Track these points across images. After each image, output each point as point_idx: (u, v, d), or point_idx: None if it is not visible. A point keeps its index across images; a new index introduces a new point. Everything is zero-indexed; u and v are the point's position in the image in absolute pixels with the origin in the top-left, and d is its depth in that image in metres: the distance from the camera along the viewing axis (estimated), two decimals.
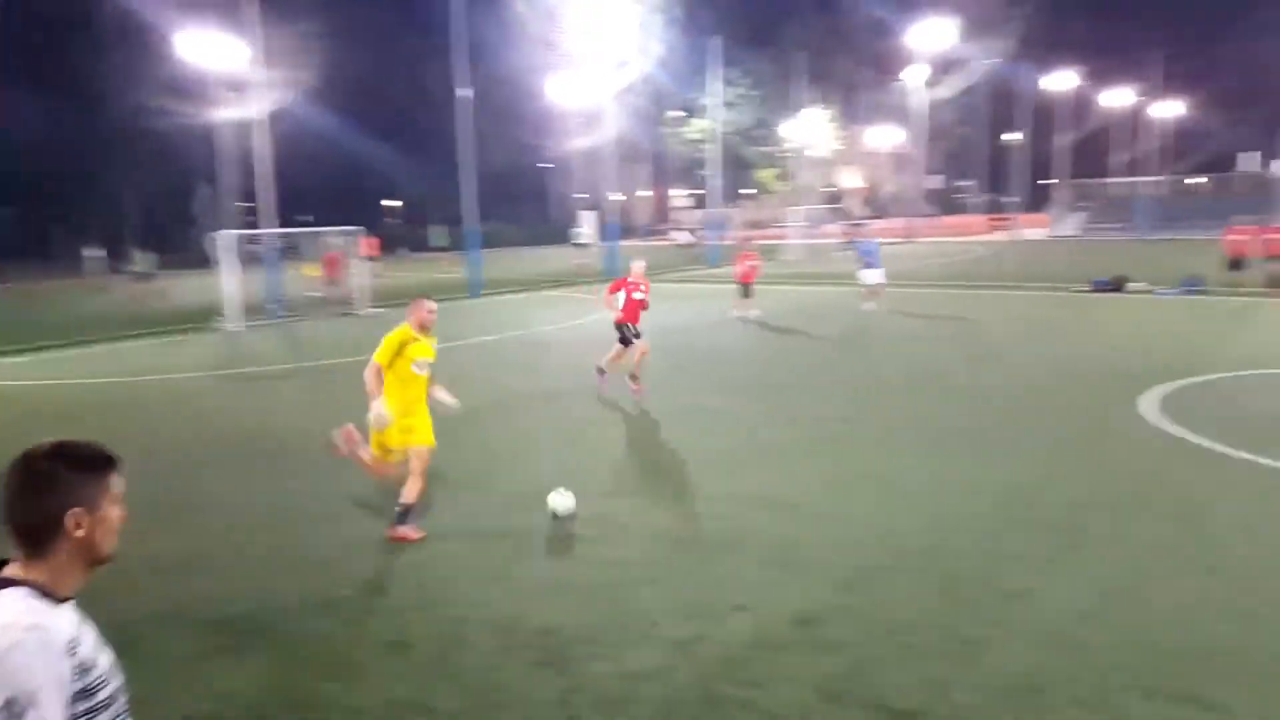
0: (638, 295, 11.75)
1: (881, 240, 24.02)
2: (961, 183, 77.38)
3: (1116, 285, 22.11)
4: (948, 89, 59.12)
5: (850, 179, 73.42)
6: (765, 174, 71.20)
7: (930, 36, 49.85)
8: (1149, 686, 4.32)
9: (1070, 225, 55.07)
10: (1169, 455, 8.27)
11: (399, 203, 71.25)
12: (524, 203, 67.65)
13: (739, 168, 66.25)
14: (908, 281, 24.77)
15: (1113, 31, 66.64)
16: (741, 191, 72.54)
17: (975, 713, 4.17)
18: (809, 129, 57.01)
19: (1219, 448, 8.24)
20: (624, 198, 58.40)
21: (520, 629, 5.12)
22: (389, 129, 55.54)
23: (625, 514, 7.04)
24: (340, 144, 51.72)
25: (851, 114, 67.47)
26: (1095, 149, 66.82)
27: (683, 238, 55.44)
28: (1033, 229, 55.97)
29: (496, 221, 40.20)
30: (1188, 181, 63.05)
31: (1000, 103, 64.61)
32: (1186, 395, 10.53)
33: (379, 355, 6.41)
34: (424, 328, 6.57)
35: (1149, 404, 10.07)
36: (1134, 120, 66.65)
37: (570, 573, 5.99)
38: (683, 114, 64.55)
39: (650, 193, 77.82)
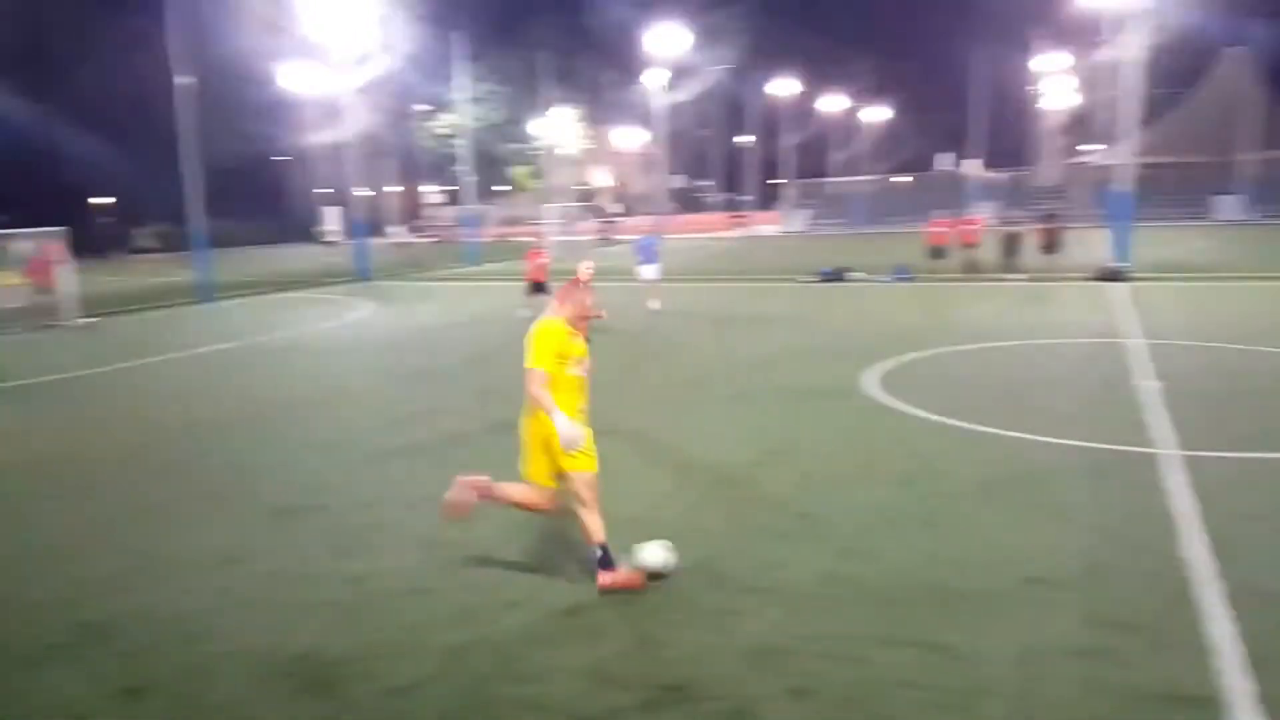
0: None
1: (662, 236, 24.22)
2: (701, 182, 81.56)
3: (839, 275, 24.25)
4: (686, 93, 62.00)
5: (601, 177, 75.11)
6: (519, 171, 71.20)
7: (666, 42, 51.97)
8: (886, 635, 4.76)
9: (798, 221, 59.64)
10: (889, 425, 9.15)
11: (112, 199, 64.14)
12: (258, 199, 63.15)
13: (492, 164, 65.81)
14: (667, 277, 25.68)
15: (827, 43, 72.83)
16: (495, 189, 72.11)
17: (736, 678, 4.41)
18: (557, 127, 57.68)
19: (932, 416, 9.26)
20: (372, 193, 56.14)
21: (277, 656, 4.79)
22: (96, 119, 49.68)
23: (387, 523, 6.80)
24: (34, 135, 45.76)
25: (599, 114, 69.10)
26: (816, 151, 72.78)
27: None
28: (766, 225, 60.16)
29: (225, 219, 36.99)
30: (894, 180, 70.22)
31: (733, 107, 68.88)
32: (902, 371, 11.74)
33: (539, 359, 5.17)
34: (581, 320, 5.43)
35: (871, 380, 11.14)
36: (848, 124, 73.22)
37: (330, 592, 5.68)
38: (430, 109, 63.12)
39: (400, 188, 75.40)
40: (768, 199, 71.62)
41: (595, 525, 5.30)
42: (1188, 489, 6.78)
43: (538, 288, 18.85)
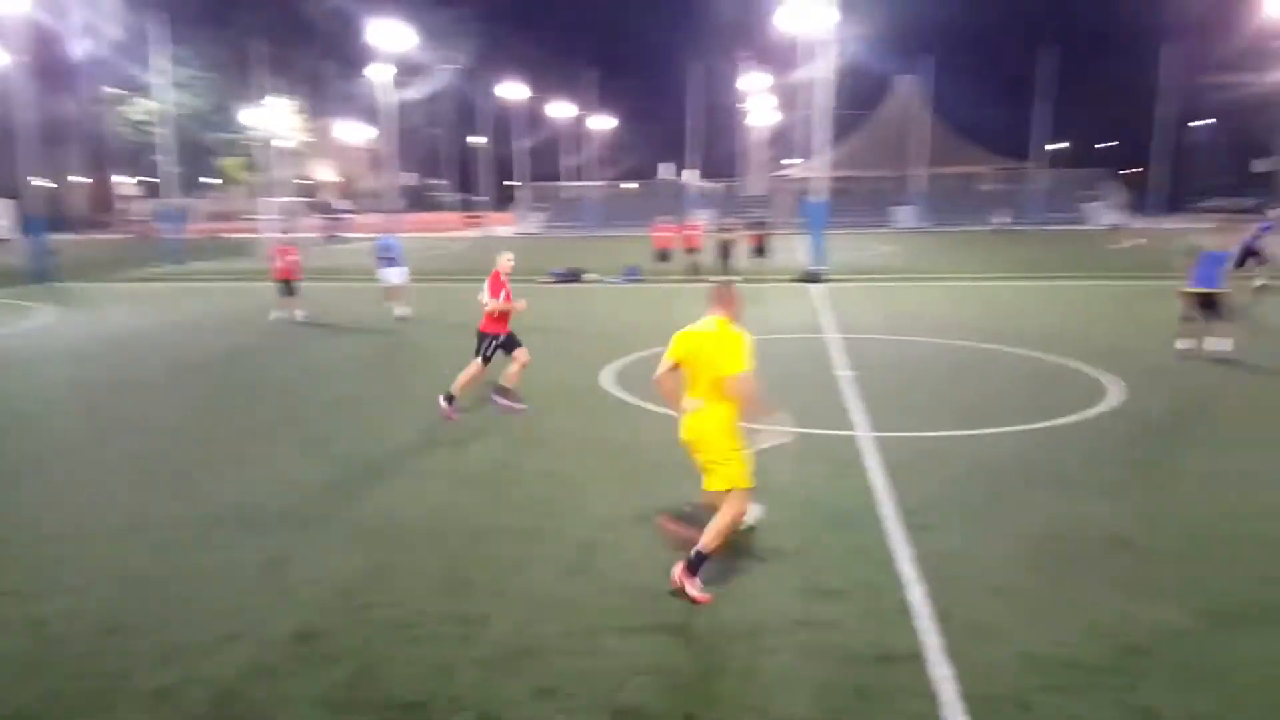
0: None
1: (402, 235, 22.90)
2: (434, 181, 79.93)
3: (573, 276, 24.71)
4: (416, 91, 60.48)
5: (325, 172, 71.23)
6: (229, 163, 65.80)
7: (390, 37, 50.29)
8: (626, 626, 4.88)
9: (533, 223, 60.17)
10: (628, 421, 9.42)
11: None
12: None
13: (198, 155, 60.30)
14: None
15: (554, 52, 74.27)
16: (204, 181, 66.16)
17: (480, 686, 4.32)
18: (273, 118, 53.95)
19: (663, 409, 9.63)
20: (53, 185, 49.43)
21: None
22: None
23: (75, 557, 5.97)
24: None
25: (322, 106, 65.52)
26: (549, 155, 73.83)
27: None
28: (501, 226, 60.10)
29: None
30: (623, 186, 72.82)
31: (465, 107, 68.20)
32: (637, 367, 12.14)
33: (745, 361, 5.27)
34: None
35: (608, 377, 11.43)
36: (578, 131, 74.85)
37: (6, 642, 4.89)
38: (124, 93, 56.71)
39: (89, 180, 67.08)
40: (503, 200, 71.59)
41: (723, 536, 5.23)
42: (882, 466, 7.56)
43: (288, 287, 17.51)
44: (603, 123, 75.87)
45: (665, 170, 75.73)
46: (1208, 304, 11.97)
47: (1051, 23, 69.73)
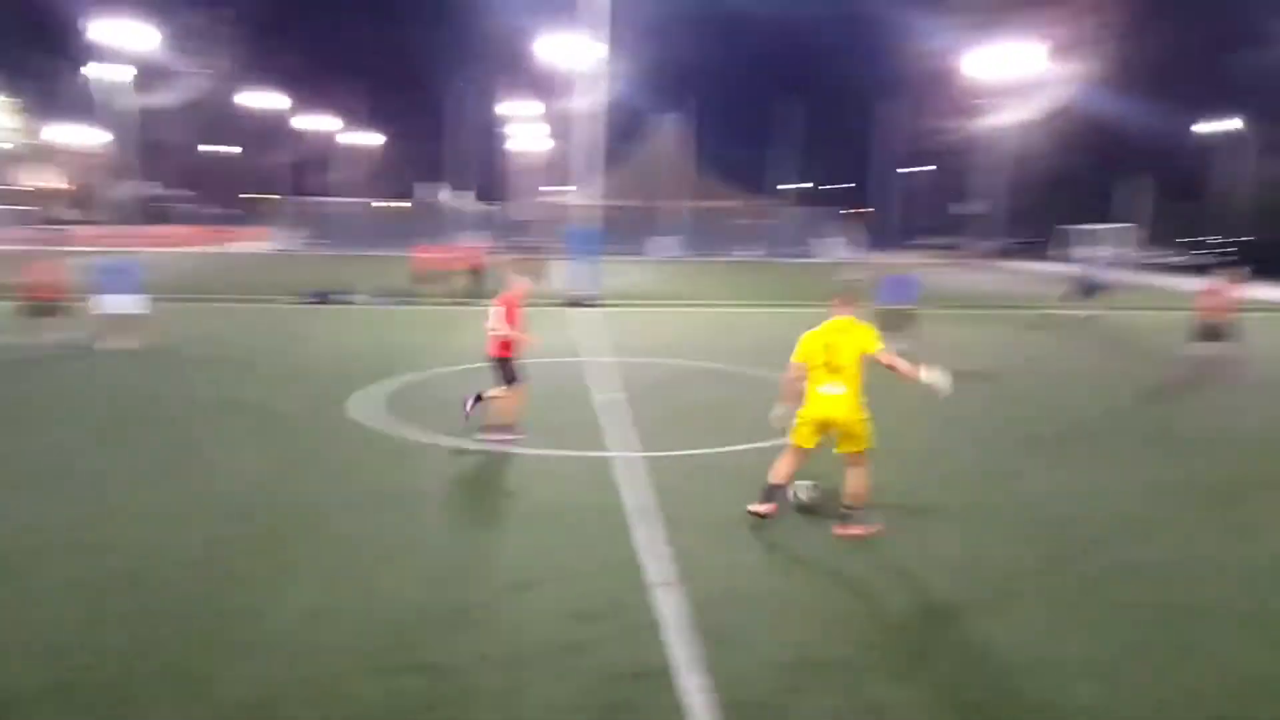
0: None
1: (134, 251, 20.35)
2: (177, 191, 73.62)
3: (330, 296, 23.56)
4: (161, 95, 55.57)
5: (49, 178, 63.63)
6: None
7: (126, 35, 45.91)
8: (378, 666, 4.62)
9: (288, 240, 56.82)
10: (379, 448, 9.04)
11: None
12: None
13: None
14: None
15: (317, 64, 70.94)
16: None
17: None
18: None
19: (421, 438, 9.36)
20: None
21: None
22: None
23: None
24: None
25: (43, 107, 58.58)
26: (310, 170, 70.25)
27: None
28: (254, 242, 56.24)
29: None
30: (385, 205, 70.61)
31: (217, 116, 63.35)
32: (391, 393, 11.72)
33: (879, 342, 6.67)
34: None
35: (361, 403, 10.93)
36: (339, 148, 71.93)
37: None
38: None
39: None
40: (255, 215, 67.01)
41: (865, 486, 6.68)
42: (642, 485, 7.74)
43: (44, 309, 15.09)
44: (368, 139, 73.39)
45: (429, 191, 74.27)
46: (899, 320, 15.00)
47: (794, 74, 75.87)
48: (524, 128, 67.68)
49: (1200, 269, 42.11)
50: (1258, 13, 49.62)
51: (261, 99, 61.32)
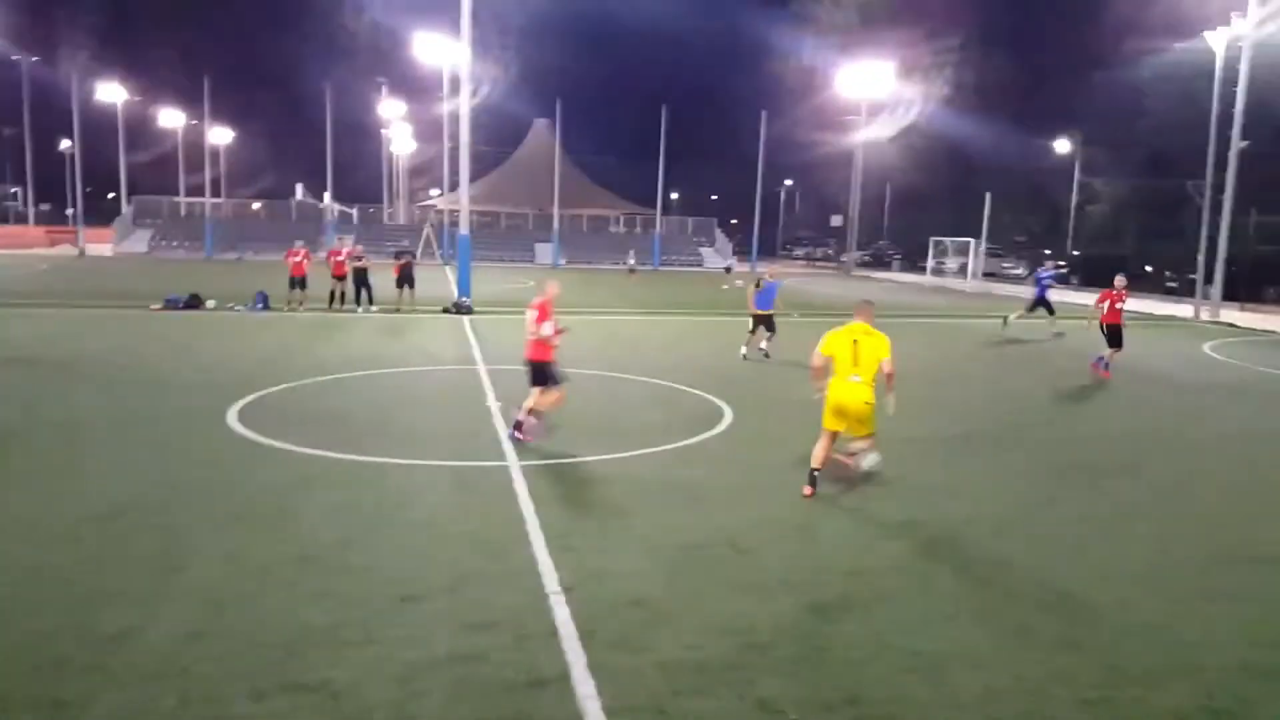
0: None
1: None
2: (9, 189, 68.29)
3: (193, 302, 22.40)
4: None
5: None
6: None
7: None
8: (263, 686, 4.46)
9: (137, 242, 53.60)
10: (257, 462, 8.70)
11: None
12: None
13: None
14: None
15: (172, 55, 67.35)
16: None
17: None
18: None
19: (302, 449, 9.04)
20: None
21: None
22: None
23: None
24: None
25: None
26: (160, 167, 66.35)
27: None
28: (99, 244, 52.70)
29: None
30: (253, 206, 67.52)
31: (52, 109, 59.06)
32: (267, 404, 11.28)
33: (890, 350, 8.03)
34: None
35: (234, 415, 10.47)
36: (196, 144, 68.23)
37: None
38: None
39: None
40: (102, 215, 62.75)
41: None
42: (529, 493, 7.73)
43: None
44: (225, 136, 69.89)
45: (300, 192, 71.58)
46: (767, 322, 16.47)
47: (670, 84, 77.04)
48: (398, 129, 66.05)
49: (1059, 280, 45.31)
50: (1093, 39, 53.71)
51: (108, 91, 57.50)
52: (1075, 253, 49.21)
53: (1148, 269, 39.81)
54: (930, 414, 12.36)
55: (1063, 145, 56.40)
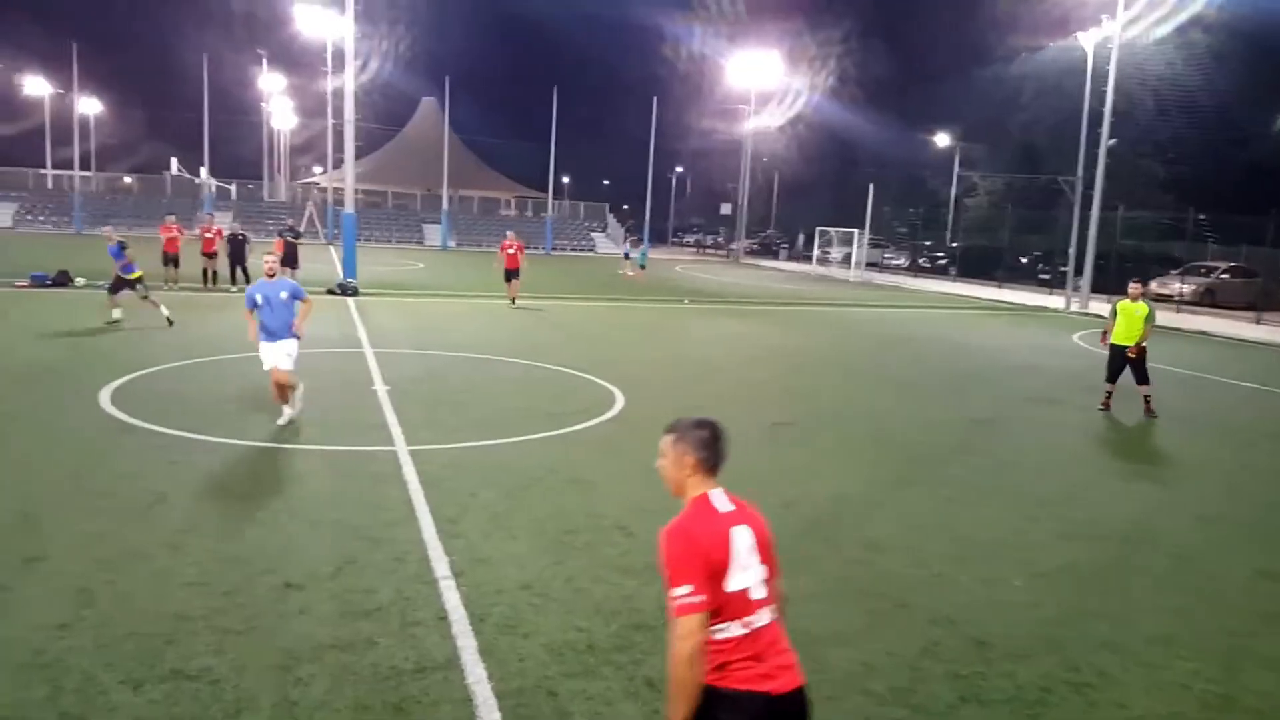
0: None
1: None
2: None
3: (61, 279, 21.12)
4: None
5: None
6: None
7: None
8: (139, 676, 4.36)
9: (2, 215, 50.00)
10: (131, 446, 8.35)
11: None
12: None
13: None
14: None
15: (25, 18, 62.73)
16: None
17: None
18: None
19: (171, 431, 8.72)
20: None
21: None
22: None
23: None
24: None
25: None
26: (26, 139, 61.75)
27: None
28: None
29: None
30: (125, 180, 63.73)
31: None
32: (135, 386, 10.80)
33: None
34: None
35: (109, 397, 10.02)
36: (64, 114, 63.80)
37: None
38: None
39: None
40: None
41: None
42: (417, 479, 7.69)
43: None
44: (94, 106, 65.62)
45: (175, 166, 67.81)
46: None
47: (562, 67, 76.52)
48: (279, 103, 63.38)
49: (938, 271, 47.11)
50: (972, 36, 56.12)
51: None
52: (954, 244, 51.38)
53: (1022, 260, 41.94)
54: (799, 399, 12.82)
55: (942, 139, 58.79)
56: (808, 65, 56.15)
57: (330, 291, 22.57)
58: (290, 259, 22.80)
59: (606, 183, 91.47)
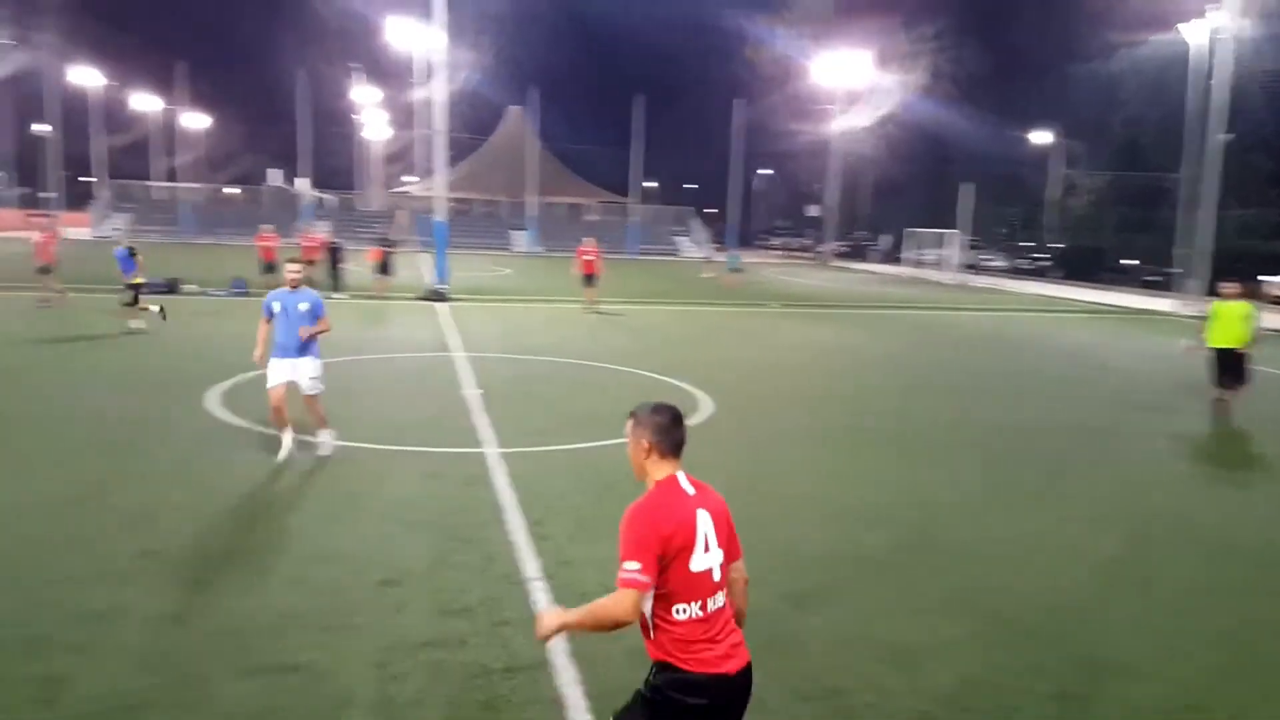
0: None
1: None
2: None
3: (170, 286, 22.18)
4: None
5: None
6: None
7: None
8: (246, 667, 4.52)
9: (114, 225, 52.89)
10: (234, 447, 8.69)
11: None
12: None
13: None
14: None
15: (135, 38, 66.28)
16: None
17: None
18: None
19: (271, 431, 9.02)
20: None
21: None
22: None
23: None
24: None
25: None
26: (136, 152, 65.29)
27: None
28: (75, 227, 51.96)
29: None
30: (226, 191, 66.69)
31: (28, 92, 57.97)
32: (246, 389, 11.23)
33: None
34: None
35: (214, 400, 10.46)
36: (171, 128, 67.16)
37: None
38: None
39: None
40: (77, 198, 61.74)
41: None
42: (506, 481, 7.78)
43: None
44: (199, 121, 68.88)
45: (274, 177, 70.64)
46: None
47: (645, 72, 76.76)
48: (372, 114, 65.37)
49: (1038, 273, 45.52)
50: (1073, 30, 54.09)
51: (83, 75, 56.42)
52: (1054, 245, 49.57)
53: (1127, 262, 40.22)
54: (897, 407, 12.52)
55: (1041, 136, 56.78)
56: (899, 63, 54.86)
57: (422, 298, 23.12)
58: (385, 267, 23.49)
59: (691, 186, 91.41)
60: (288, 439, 8.20)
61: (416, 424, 9.84)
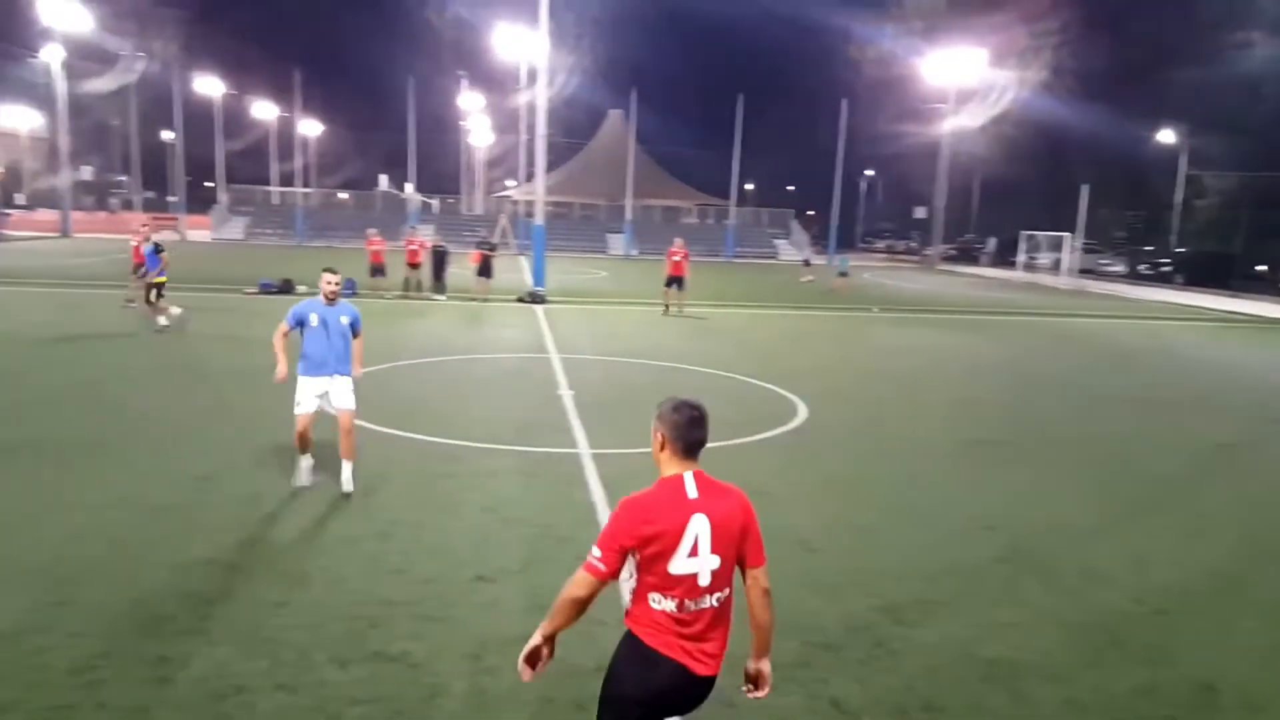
0: None
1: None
2: (118, 178, 71.59)
3: (284, 287, 23.17)
4: (107, 81, 53.99)
5: None
6: None
7: (62, 15, 44.45)
8: (346, 655, 4.66)
9: (233, 229, 55.65)
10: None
11: None
12: None
13: None
14: (68, 280, 21.83)
15: (261, 49, 69.63)
16: None
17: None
18: None
19: (383, 429, 9.33)
20: None
21: None
22: None
23: None
24: None
25: None
26: (253, 157, 68.68)
27: None
28: (197, 230, 55.04)
29: None
30: (338, 195, 69.42)
31: (155, 101, 61.69)
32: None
33: None
34: None
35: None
36: (287, 134, 70.38)
37: None
38: None
39: None
40: (198, 202, 65.38)
41: None
42: (599, 481, 7.82)
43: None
44: (313, 128, 71.94)
45: (383, 182, 73.24)
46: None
47: (743, 74, 76.35)
48: (476, 120, 67.00)
49: (1161, 279, 43.26)
50: (1196, 28, 51.28)
51: (202, 84, 59.69)
52: (1180, 250, 46.97)
53: (1259, 268, 37.76)
54: (1008, 416, 12.07)
55: (1166, 136, 53.86)
56: (1016, 58, 52.82)
57: (521, 300, 23.52)
58: (485, 269, 23.99)
59: (792, 188, 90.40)
60: (307, 463, 7.47)
61: (514, 423, 9.99)
